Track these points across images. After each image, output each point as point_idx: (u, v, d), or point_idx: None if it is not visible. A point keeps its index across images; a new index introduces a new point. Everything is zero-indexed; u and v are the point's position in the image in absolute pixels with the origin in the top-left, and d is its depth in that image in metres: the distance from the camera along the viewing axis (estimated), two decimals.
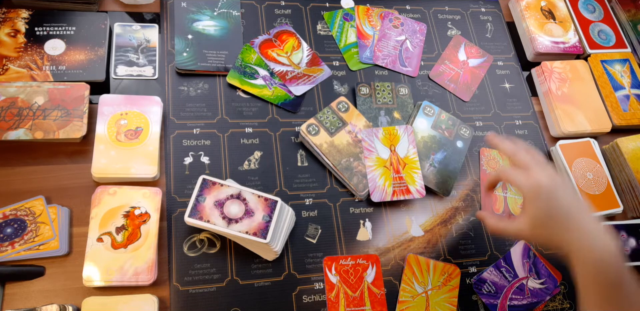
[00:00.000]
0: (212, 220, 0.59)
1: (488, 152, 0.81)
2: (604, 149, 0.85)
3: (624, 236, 0.77)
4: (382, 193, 0.72)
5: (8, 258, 0.59)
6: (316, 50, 0.83)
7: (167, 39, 0.77)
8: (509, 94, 0.89)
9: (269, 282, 0.65)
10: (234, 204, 0.61)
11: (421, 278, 0.68)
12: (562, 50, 0.91)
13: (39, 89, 0.66)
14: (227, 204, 0.61)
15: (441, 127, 0.79)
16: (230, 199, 0.61)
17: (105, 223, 0.61)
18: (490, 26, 0.94)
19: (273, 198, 0.63)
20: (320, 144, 0.72)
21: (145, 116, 0.68)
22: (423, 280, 0.68)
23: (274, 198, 0.63)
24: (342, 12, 0.87)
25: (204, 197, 0.61)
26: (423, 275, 0.69)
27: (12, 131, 0.63)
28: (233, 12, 0.81)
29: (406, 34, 0.88)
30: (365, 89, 0.80)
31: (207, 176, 0.62)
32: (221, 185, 0.62)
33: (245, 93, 0.76)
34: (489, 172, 0.79)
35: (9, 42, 0.70)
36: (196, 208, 0.60)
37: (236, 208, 0.61)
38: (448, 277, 0.70)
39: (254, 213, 0.61)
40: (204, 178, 0.62)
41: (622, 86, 0.90)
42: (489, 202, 0.77)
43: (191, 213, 0.60)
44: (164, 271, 0.63)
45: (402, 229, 0.73)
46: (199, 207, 0.60)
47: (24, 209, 0.61)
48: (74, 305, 0.58)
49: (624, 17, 0.98)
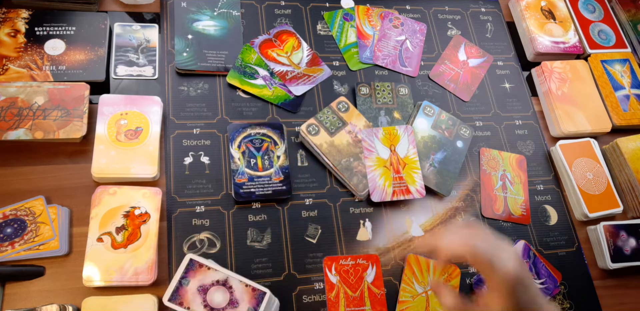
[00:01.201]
0: (193, 308, 0.55)
1: (488, 152, 0.81)
2: (604, 149, 0.85)
3: (624, 236, 0.77)
4: (382, 193, 0.72)
5: (8, 258, 0.59)
6: (316, 51, 0.83)
7: (167, 39, 0.77)
8: (509, 94, 0.88)
9: (269, 282, 0.65)
10: (218, 292, 0.57)
11: (421, 278, 0.68)
12: (562, 50, 0.91)
13: (39, 89, 0.66)
14: (212, 291, 0.57)
15: (441, 127, 0.79)
16: (215, 285, 0.57)
17: (105, 223, 0.61)
18: (490, 26, 0.94)
19: (261, 288, 0.58)
20: (320, 144, 0.72)
21: (145, 116, 0.68)
22: (423, 279, 0.68)
23: (262, 289, 0.58)
24: (342, 12, 0.87)
25: (187, 280, 0.57)
26: (423, 274, 0.69)
27: (12, 131, 0.63)
28: (233, 12, 0.81)
29: (406, 34, 0.88)
30: (365, 89, 0.80)
31: (194, 256, 0.58)
32: (208, 268, 0.58)
33: (245, 93, 0.76)
34: (488, 172, 0.79)
35: (9, 42, 0.70)
36: (178, 292, 0.56)
37: (220, 296, 0.57)
38: (448, 277, 0.70)
39: (238, 304, 0.57)
40: (191, 259, 0.58)
41: (622, 86, 0.90)
42: (489, 202, 0.77)
43: (172, 296, 0.56)
44: (164, 271, 0.63)
45: (402, 229, 0.73)
46: (181, 291, 0.56)
47: (24, 209, 0.61)
48: (74, 305, 0.58)
49: (624, 17, 0.98)
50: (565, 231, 0.79)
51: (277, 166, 0.71)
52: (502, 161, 0.81)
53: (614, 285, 0.77)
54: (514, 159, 0.81)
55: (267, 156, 0.71)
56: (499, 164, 0.81)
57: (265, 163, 0.70)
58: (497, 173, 0.80)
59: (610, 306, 0.75)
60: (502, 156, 0.82)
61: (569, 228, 0.79)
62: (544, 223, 0.79)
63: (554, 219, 0.79)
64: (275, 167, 0.70)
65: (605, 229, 0.76)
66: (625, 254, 0.76)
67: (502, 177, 0.80)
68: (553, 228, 0.78)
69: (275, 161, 0.71)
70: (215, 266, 0.58)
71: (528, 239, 0.76)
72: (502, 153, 0.82)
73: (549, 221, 0.79)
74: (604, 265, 0.75)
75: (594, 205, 0.78)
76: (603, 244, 0.76)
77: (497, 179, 0.79)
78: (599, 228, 0.76)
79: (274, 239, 0.68)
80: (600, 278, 0.77)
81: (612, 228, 0.77)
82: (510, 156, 0.82)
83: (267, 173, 0.70)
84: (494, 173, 0.79)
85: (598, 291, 0.75)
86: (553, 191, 0.81)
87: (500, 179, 0.79)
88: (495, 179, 0.79)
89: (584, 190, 0.79)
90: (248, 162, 0.70)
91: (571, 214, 0.80)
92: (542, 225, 0.78)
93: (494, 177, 0.79)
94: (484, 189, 0.78)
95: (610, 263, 0.75)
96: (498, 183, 0.79)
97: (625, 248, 0.76)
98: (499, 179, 0.79)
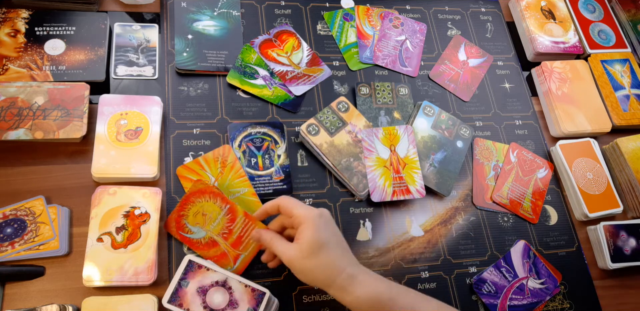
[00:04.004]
0: (192, 309, 0.55)
1: (482, 142, 0.81)
2: (604, 149, 0.85)
3: (624, 236, 0.77)
4: (382, 193, 0.72)
5: (8, 258, 0.59)
6: (316, 51, 0.83)
7: (167, 39, 0.77)
8: (509, 94, 0.89)
9: (269, 282, 0.65)
10: (218, 293, 0.57)
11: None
12: (562, 50, 0.91)
13: (39, 89, 0.66)
14: (211, 292, 0.57)
15: (441, 127, 0.79)
16: (215, 286, 0.57)
17: (105, 223, 0.61)
18: (490, 26, 0.94)
19: (261, 288, 0.58)
20: (320, 144, 0.72)
21: (145, 116, 0.68)
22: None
23: (262, 289, 0.58)
24: (342, 12, 0.87)
25: (187, 281, 0.57)
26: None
27: (12, 131, 0.63)
28: (233, 12, 0.81)
29: (406, 34, 0.88)
30: (365, 89, 0.80)
31: (193, 257, 0.58)
32: (207, 269, 0.58)
33: (245, 93, 0.76)
34: (481, 162, 0.79)
35: (9, 42, 0.70)
36: (177, 293, 0.56)
37: (220, 297, 0.57)
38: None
39: (238, 304, 0.57)
40: (190, 260, 0.58)
41: (622, 86, 0.90)
42: (481, 191, 0.77)
43: (171, 298, 0.56)
44: (164, 271, 0.63)
45: (402, 229, 0.73)
46: (180, 292, 0.56)
47: (24, 209, 0.61)
48: (74, 305, 0.58)
49: (624, 17, 0.98)
50: (565, 231, 0.79)
51: (278, 165, 0.71)
52: (495, 151, 0.81)
53: (614, 285, 0.77)
54: (507, 150, 0.82)
55: (267, 155, 0.71)
56: (493, 154, 0.81)
57: (265, 162, 0.70)
58: (490, 163, 0.80)
59: (610, 306, 0.75)
60: (495, 146, 0.82)
61: (569, 228, 0.79)
62: (544, 223, 0.79)
63: (554, 219, 0.79)
64: (275, 166, 0.70)
65: (605, 229, 0.76)
66: (625, 254, 0.76)
67: (495, 167, 0.80)
68: (553, 228, 0.78)
69: (276, 160, 0.71)
70: (214, 267, 0.58)
71: (528, 239, 0.76)
72: (496, 144, 0.82)
73: (549, 221, 0.79)
74: (604, 265, 0.75)
75: (594, 205, 0.78)
76: (603, 244, 0.76)
77: (489, 169, 0.79)
78: (599, 228, 0.76)
79: None
80: (600, 278, 0.77)
81: (612, 228, 0.77)
82: (504, 147, 0.82)
83: (268, 172, 0.70)
84: (487, 163, 0.80)
85: (598, 292, 0.75)
86: (553, 191, 0.82)
87: (493, 170, 0.80)
88: (487, 169, 0.79)
89: (584, 190, 0.79)
90: (249, 161, 0.70)
91: (571, 214, 0.80)
92: (542, 225, 0.78)
93: (486, 167, 0.80)
94: (476, 178, 0.78)
95: (610, 263, 0.75)
96: (490, 172, 0.79)
97: (625, 248, 0.76)
98: (491, 169, 0.79)
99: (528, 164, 0.81)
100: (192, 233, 0.63)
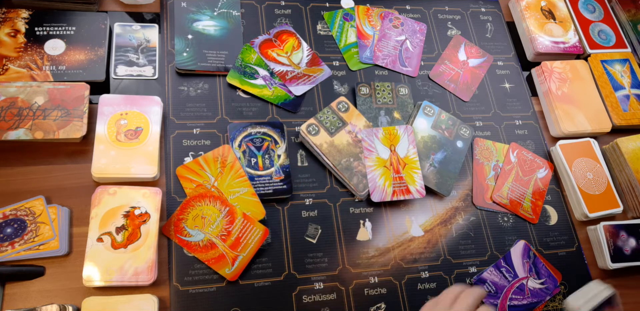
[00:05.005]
0: None
1: (482, 142, 0.81)
2: (604, 149, 0.85)
3: (624, 236, 0.77)
4: (382, 193, 0.72)
5: (8, 258, 0.59)
6: (316, 51, 0.83)
7: (167, 39, 0.77)
8: (509, 94, 0.89)
9: (269, 282, 0.65)
10: None
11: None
12: (562, 50, 0.91)
13: (39, 89, 0.66)
14: None
15: (441, 127, 0.79)
16: None
17: (105, 223, 0.61)
18: (490, 26, 0.94)
19: None
20: (320, 144, 0.72)
21: (145, 116, 0.68)
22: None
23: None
24: (342, 12, 0.87)
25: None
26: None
27: (12, 131, 0.63)
28: (233, 12, 0.81)
29: (406, 34, 0.88)
30: (365, 89, 0.80)
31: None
32: None
33: (245, 93, 0.76)
34: (481, 162, 0.79)
35: (9, 42, 0.70)
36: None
37: None
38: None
39: None
40: None
41: (622, 86, 0.90)
42: (480, 191, 0.77)
43: None
44: (164, 271, 0.63)
45: (402, 229, 0.73)
46: None
47: (24, 209, 0.61)
48: (74, 305, 0.58)
49: (624, 17, 0.98)
50: (565, 231, 0.79)
51: (278, 165, 0.71)
52: (495, 151, 0.81)
53: (614, 285, 0.76)
54: (507, 150, 0.82)
55: (267, 155, 0.71)
56: (493, 154, 0.81)
57: (265, 162, 0.70)
58: (490, 163, 0.80)
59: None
60: (495, 146, 0.82)
61: (569, 228, 0.79)
62: (544, 223, 0.79)
63: (554, 219, 0.79)
64: (275, 166, 0.70)
65: (605, 229, 0.76)
66: (625, 254, 0.76)
67: (495, 167, 0.80)
68: (553, 228, 0.78)
69: (276, 160, 0.71)
70: None
71: (528, 239, 0.76)
72: (496, 144, 0.82)
73: (549, 221, 0.79)
74: (604, 265, 0.75)
75: (594, 205, 0.78)
76: (603, 244, 0.76)
77: (489, 169, 0.79)
78: (599, 228, 0.76)
79: (273, 239, 0.68)
80: (600, 278, 0.77)
81: (612, 228, 0.77)
82: (504, 147, 0.82)
83: (268, 172, 0.70)
84: (487, 163, 0.80)
85: None
86: (553, 191, 0.82)
87: (493, 170, 0.80)
88: (487, 169, 0.79)
89: (584, 190, 0.79)
90: (249, 161, 0.70)
91: (571, 214, 0.80)
92: (542, 225, 0.78)
93: (486, 167, 0.80)
94: (476, 178, 0.78)
95: (610, 263, 0.75)
96: (490, 172, 0.79)
97: (625, 248, 0.76)
98: (491, 169, 0.79)
99: (528, 164, 0.81)
100: (191, 236, 0.63)
